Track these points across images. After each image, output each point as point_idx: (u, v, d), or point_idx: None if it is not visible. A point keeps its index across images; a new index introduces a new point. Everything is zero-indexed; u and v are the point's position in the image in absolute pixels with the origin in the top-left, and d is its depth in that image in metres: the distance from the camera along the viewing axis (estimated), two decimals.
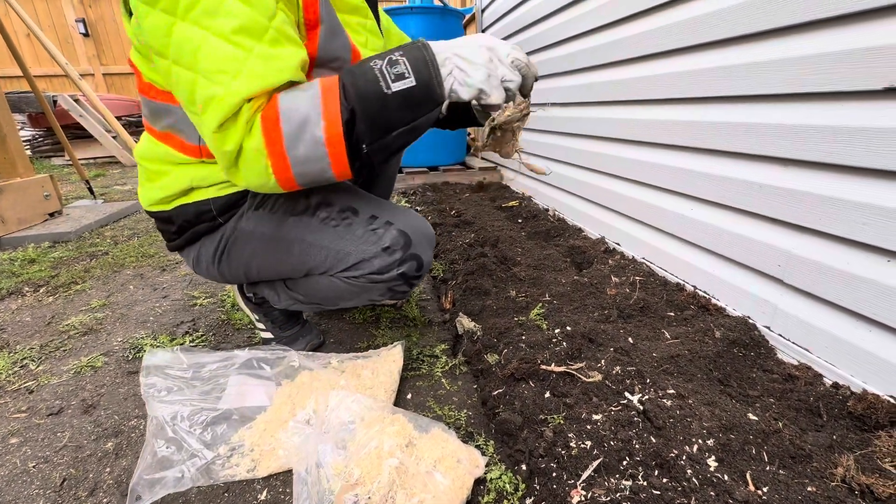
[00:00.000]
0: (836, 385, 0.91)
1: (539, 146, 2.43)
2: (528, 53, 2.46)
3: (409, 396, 0.99)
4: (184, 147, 0.85)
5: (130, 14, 0.73)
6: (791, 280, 1.01)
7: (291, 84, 0.69)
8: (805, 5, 0.91)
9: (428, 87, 0.69)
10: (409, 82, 0.68)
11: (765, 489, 0.69)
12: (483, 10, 3.24)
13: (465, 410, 0.94)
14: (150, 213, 0.96)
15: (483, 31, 3.30)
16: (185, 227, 0.93)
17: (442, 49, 0.71)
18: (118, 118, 5.47)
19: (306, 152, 0.67)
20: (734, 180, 1.14)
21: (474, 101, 0.74)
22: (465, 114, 1.04)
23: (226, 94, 0.62)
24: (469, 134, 3.99)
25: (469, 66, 0.70)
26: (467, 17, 3.65)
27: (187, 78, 0.65)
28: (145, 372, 0.83)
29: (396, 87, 0.67)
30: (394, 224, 0.86)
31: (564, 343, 1.06)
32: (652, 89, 1.43)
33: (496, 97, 0.72)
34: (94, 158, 5.40)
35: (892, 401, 0.81)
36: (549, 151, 2.29)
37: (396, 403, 0.97)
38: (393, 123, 0.70)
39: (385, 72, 0.67)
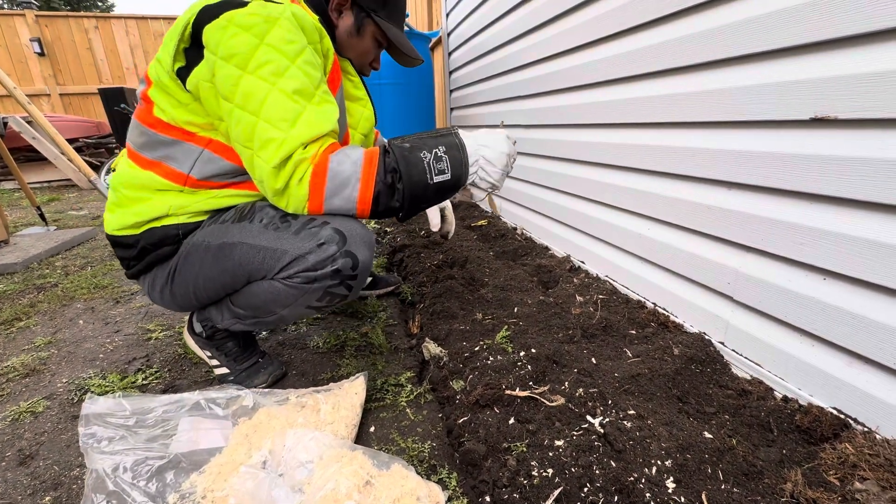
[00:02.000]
0: (785, 398, 0.94)
1: None
2: (492, 77, 2.53)
3: (372, 429, 0.96)
4: (170, 174, 0.93)
5: (177, 63, 0.87)
6: (740, 297, 1.05)
7: (333, 132, 0.87)
8: (740, 40, 0.97)
9: (458, 181, 0.93)
10: (447, 176, 0.91)
11: None
12: (449, 34, 3.32)
13: (429, 441, 0.92)
14: (114, 238, 0.99)
15: (449, 54, 3.37)
16: (147, 250, 0.97)
17: (472, 148, 0.94)
18: (75, 140, 5.27)
19: (339, 204, 0.87)
20: (685, 201, 1.19)
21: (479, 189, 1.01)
22: None
23: (285, 138, 0.79)
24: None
25: (491, 167, 0.95)
26: (433, 40, 3.73)
27: (249, 121, 0.80)
28: (84, 421, 0.78)
29: (437, 179, 0.90)
30: (330, 224, 0.88)
31: (529, 366, 1.07)
32: (610, 114, 1.48)
33: (501, 187, 1.00)
34: (49, 182, 5.16)
35: (834, 413, 0.85)
36: (516, 171, 2.34)
37: (359, 437, 0.94)
38: (426, 202, 0.93)
39: (431, 166, 0.89)
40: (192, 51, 0.85)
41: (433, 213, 1.34)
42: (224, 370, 1.10)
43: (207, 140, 0.91)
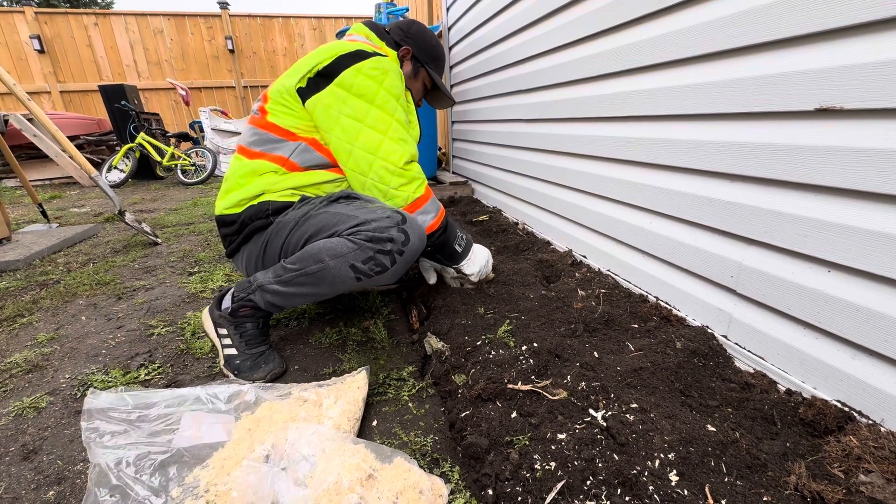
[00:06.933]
0: (789, 392, 0.94)
1: (507, 161, 2.47)
2: (493, 71, 2.52)
3: (374, 423, 0.96)
4: (275, 159, 1.21)
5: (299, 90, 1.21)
6: (743, 290, 1.05)
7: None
8: (744, 30, 0.96)
9: (461, 258, 1.41)
10: (459, 250, 1.39)
11: (723, 502, 0.70)
12: (449, 29, 3.29)
13: (431, 435, 0.92)
14: (221, 218, 1.25)
15: (449, 48, 3.35)
16: (245, 223, 1.21)
17: (472, 248, 1.44)
18: (76, 137, 5.27)
19: (419, 219, 1.23)
20: (687, 194, 1.18)
21: (461, 273, 1.46)
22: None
23: (404, 151, 1.22)
24: (440, 149, 4.04)
25: (474, 263, 1.44)
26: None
27: (377, 137, 1.19)
28: (87, 416, 0.78)
29: (456, 247, 1.39)
30: (397, 210, 1.13)
31: (531, 360, 1.07)
32: (611, 107, 1.47)
33: (475, 278, 1.46)
34: (51, 179, 5.17)
35: (838, 405, 0.84)
36: (518, 166, 2.33)
37: (361, 431, 0.94)
38: (441, 253, 1.39)
39: (457, 239, 1.39)
40: (315, 80, 1.18)
41: (430, 274, 1.57)
42: (233, 351, 1.13)
43: (305, 138, 1.22)
